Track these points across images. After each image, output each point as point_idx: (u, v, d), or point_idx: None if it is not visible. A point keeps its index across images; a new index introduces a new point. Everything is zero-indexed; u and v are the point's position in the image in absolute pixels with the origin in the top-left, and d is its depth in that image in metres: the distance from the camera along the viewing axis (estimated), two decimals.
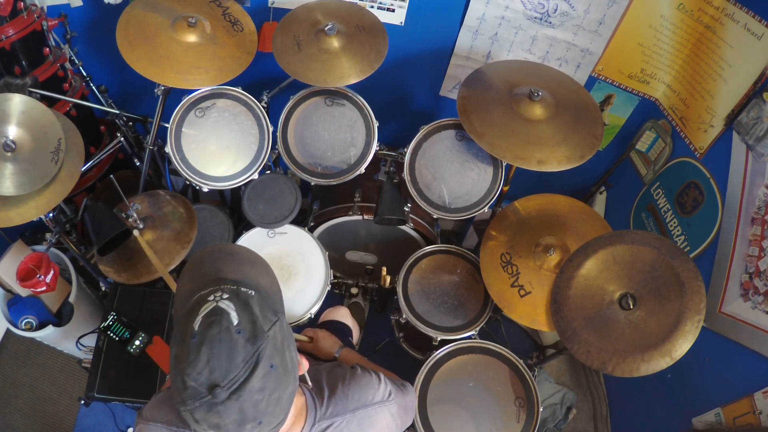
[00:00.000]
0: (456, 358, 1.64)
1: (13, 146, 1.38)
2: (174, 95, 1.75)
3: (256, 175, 1.82)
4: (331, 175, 1.87)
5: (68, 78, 1.86)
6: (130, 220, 1.65)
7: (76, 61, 1.92)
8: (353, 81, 1.65)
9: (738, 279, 1.52)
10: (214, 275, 0.79)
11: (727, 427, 1.51)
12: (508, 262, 1.71)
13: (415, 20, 1.94)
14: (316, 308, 1.77)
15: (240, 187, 1.83)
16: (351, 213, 1.95)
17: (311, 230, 1.98)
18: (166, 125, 1.73)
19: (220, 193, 2.17)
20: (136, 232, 1.64)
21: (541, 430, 2.15)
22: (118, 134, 1.94)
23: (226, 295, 0.73)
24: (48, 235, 1.82)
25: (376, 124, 1.82)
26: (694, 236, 1.74)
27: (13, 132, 1.39)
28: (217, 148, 1.77)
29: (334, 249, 2.17)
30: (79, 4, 1.90)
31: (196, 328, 0.71)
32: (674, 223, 1.86)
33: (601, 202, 2.37)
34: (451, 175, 1.81)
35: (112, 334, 1.60)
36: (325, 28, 1.64)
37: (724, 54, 1.67)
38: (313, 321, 1.77)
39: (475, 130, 1.62)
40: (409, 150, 1.81)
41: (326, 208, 2.04)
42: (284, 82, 1.86)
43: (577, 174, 1.87)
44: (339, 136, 1.85)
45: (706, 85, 1.74)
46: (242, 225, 2.08)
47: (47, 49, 1.74)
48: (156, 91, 1.73)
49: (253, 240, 1.87)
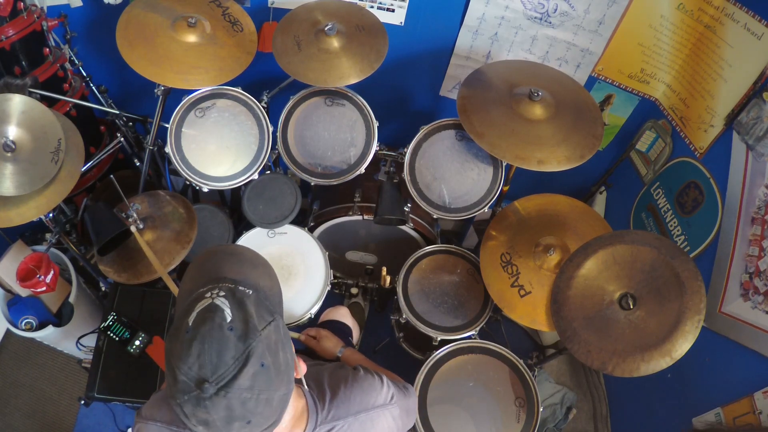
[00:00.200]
0: (456, 358, 1.64)
1: (13, 146, 1.38)
2: (174, 95, 1.75)
3: (256, 175, 1.82)
4: (331, 175, 1.87)
5: (68, 78, 1.86)
6: (130, 220, 1.64)
7: (76, 62, 1.92)
8: (353, 81, 1.65)
9: (738, 279, 1.52)
10: (215, 274, 0.79)
11: (727, 427, 1.51)
12: (508, 262, 1.71)
13: (415, 20, 1.94)
14: (316, 308, 1.77)
15: (240, 187, 1.83)
16: (351, 213, 1.95)
17: (311, 230, 1.98)
18: (166, 125, 1.73)
19: (220, 193, 2.17)
20: (134, 230, 1.63)
21: (541, 430, 2.15)
22: (118, 134, 1.94)
23: (222, 293, 0.74)
24: (48, 235, 1.82)
25: (376, 124, 1.82)
26: (694, 236, 1.74)
27: (13, 132, 1.39)
28: (217, 148, 1.78)
29: (334, 249, 2.17)
30: (79, 4, 1.90)
31: (191, 323, 0.71)
32: (674, 223, 1.86)
33: (601, 202, 2.37)
34: (451, 175, 1.81)
35: (112, 334, 1.60)
36: (325, 28, 1.64)
37: (724, 54, 1.67)
38: (313, 321, 1.77)
39: (475, 130, 1.62)
40: (409, 150, 1.81)
41: (326, 208, 2.04)
42: (284, 82, 1.86)
43: (577, 174, 1.87)
44: (339, 136, 1.85)
45: (706, 85, 1.74)
46: (242, 225, 2.08)
47: (47, 50, 1.74)
48: (156, 91, 1.73)
49: (253, 240, 1.87)
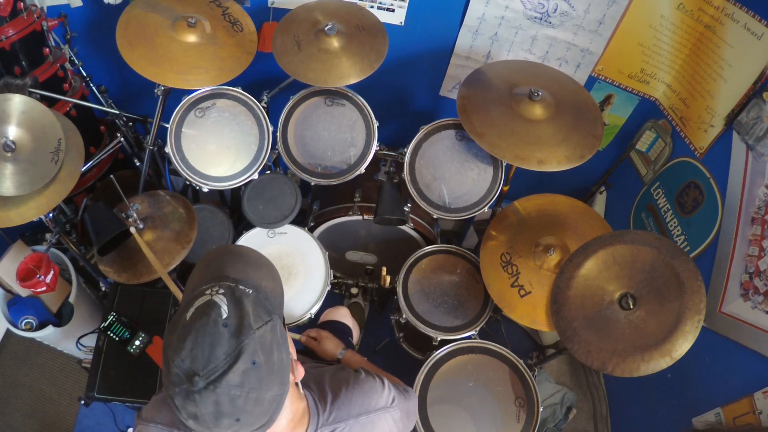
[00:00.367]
0: (456, 358, 1.64)
1: (13, 146, 1.38)
2: (174, 95, 1.75)
3: (256, 175, 1.82)
4: (331, 175, 1.87)
5: (68, 78, 1.86)
6: (130, 220, 1.64)
7: (76, 62, 1.92)
8: (353, 81, 1.65)
9: (738, 279, 1.52)
10: (218, 273, 0.80)
11: (727, 427, 1.51)
12: (508, 262, 1.71)
13: (415, 20, 1.94)
14: (316, 308, 1.77)
15: (240, 187, 1.83)
16: (351, 213, 1.95)
17: (311, 230, 1.98)
18: (166, 125, 1.73)
19: (220, 193, 2.17)
20: (133, 230, 1.63)
21: (541, 430, 2.15)
22: (118, 134, 1.94)
23: (222, 291, 0.75)
24: (48, 235, 1.82)
25: (376, 124, 1.82)
26: (694, 236, 1.74)
27: (13, 132, 1.39)
28: (217, 148, 1.78)
29: (334, 249, 2.17)
30: (79, 4, 1.90)
31: (188, 317, 0.73)
32: (674, 223, 1.86)
33: (601, 202, 2.37)
34: (451, 175, 1.81)
35: (112, 334, 1.60)
36: (325, 28, 1.64)
37: (724, 54, 1.67)
38: (313, 321, 1.77)
39: (475, 130, 1.62)
40: (409, 150, 1.81)
41: (326, 208, 2.04)
42: (284, 82, 1.86)
43: (577, 174, 1.87)
44: (339, 136, 1.85)
45: (706, 85, 1.74)
46: (242, 225, 2.08)
47: (47, 50, 1.74)
48: (156, 91, 1.73)
49: (253, 240, 1.87)
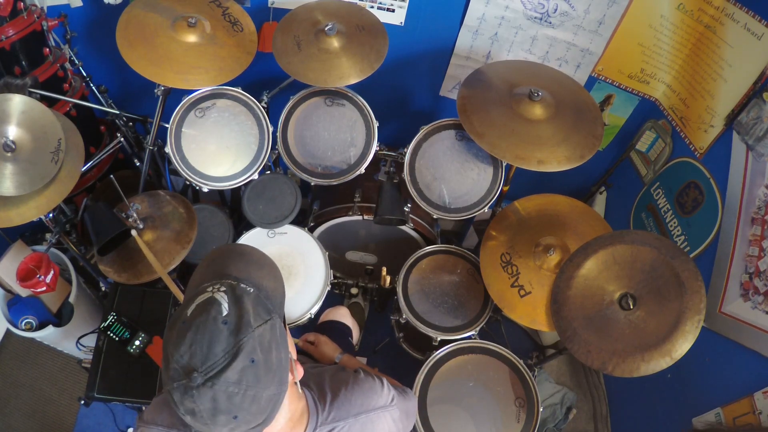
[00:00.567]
0: (456, 358, 1.64)
1: (13, 146, 1.38)
2: (174, 95, 1.75)
3: (256, 175, 1.82)
4: (331, 175, 1.87)
5: (68, 78, 1.86)
6: (130, 220, 1.64)
7: (76, 61, 1.92)
8: (353, 81, 1.65)
9: (738, 279, 1.52)
10: (221, 271, 0.81)
11: (727, 427, 1.51)
12: (508, 262, 1.71)
13: (415, 20, 1.94)
14: (316, 308, 1.77)
15: (240, 187, 1.83)
16: (351, 213, 1.95)
17: (311, 230, 1.98)
18: (166, 125, 1.73)
19: (220, 193, 2.17)
20: (134, 233, 1.63)
21: (541, 430, 2.15)
22: (118, 134, 1.94)
23: (223, 288, 0.75)
24: (48, 235, 1.82)
25: (376, 124, 1.82)
26: (694, 236, 1.74)
27: (13, 132, 1.39)
28: (217, 148, 1.78)
29: (334, 249, 2.17)
30: (79, 4, 1.90)
31: (188, 314, 0.73)
32: (674, 223, 1.86)
33: (601, 202, 2.37)
34: (451, 175, 1.81)
35: (112, 334, 1.60)
36: (325, 28, 1.64)
37: (724, 54, 1.67)
38: (313, 321, 1.77)
39: (475, 130, 1.62)
40: (409, 150, 1.81)
41: (326, 208, 2.04)
42: (284, 82, 1.86)
43: (577, 174, 1.86)
44: (339, 136, 1.85)
45: (706, 85, 1.74)
46: (242, 225, 2.08)
47: (47, 50, 1.74)
48: (156, 91, 1.73)
49: (253, 240, 1.87)
